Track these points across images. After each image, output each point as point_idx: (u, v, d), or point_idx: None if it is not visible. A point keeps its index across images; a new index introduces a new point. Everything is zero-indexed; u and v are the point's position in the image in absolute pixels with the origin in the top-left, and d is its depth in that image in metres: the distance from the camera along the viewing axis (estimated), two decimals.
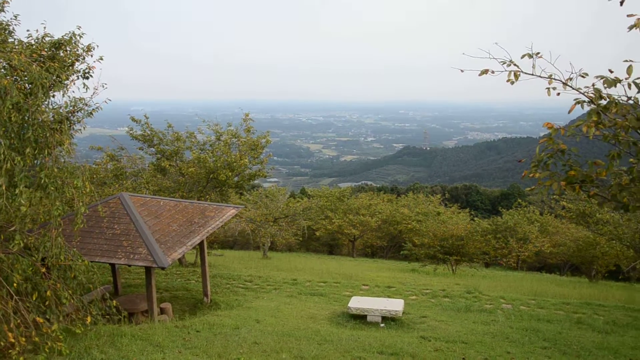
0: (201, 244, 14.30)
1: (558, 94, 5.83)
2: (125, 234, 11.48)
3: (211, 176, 20.34)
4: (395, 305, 13.24)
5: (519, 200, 41.07)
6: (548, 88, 5.84)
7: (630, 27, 4.89)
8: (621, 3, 4.83)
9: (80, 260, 8.37)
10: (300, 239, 37.86)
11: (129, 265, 12.42)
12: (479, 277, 24.45)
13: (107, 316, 9.04)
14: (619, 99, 5.74)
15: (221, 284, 17.22)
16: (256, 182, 44.79)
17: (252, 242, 36.26)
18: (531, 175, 6.52)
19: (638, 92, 5.59)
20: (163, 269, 10.62)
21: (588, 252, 27.71)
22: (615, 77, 5.39)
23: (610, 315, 14.40)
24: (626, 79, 5.47)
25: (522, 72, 5.77)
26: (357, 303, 13.32)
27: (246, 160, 20.58)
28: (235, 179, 21.30)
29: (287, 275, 19.81)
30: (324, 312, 13.66)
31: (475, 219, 40.44)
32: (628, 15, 4.85)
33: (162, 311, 12.48)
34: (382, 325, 12.62)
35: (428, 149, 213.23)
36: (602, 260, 27.57)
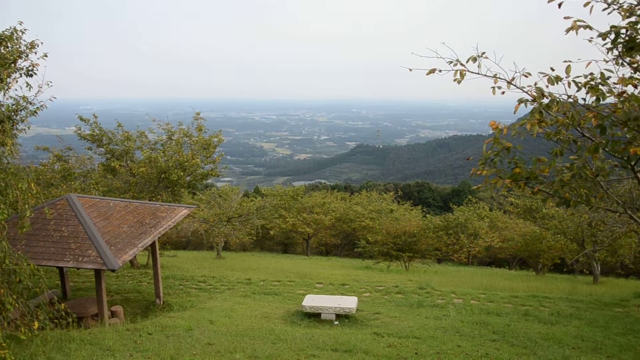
0: (153, 245, 14.08)
1: (503, 92, 5.97)
2: (74, 236, 11.19)
3: (163, 176, 20.03)
4: (348, 302, 13.33)
5: (470, 197, 41.96)
6: (493, 87, 5.97)
7: (568, 30, 5.05)
8: (559, 5, 4.98)
9: (25, 264, 8.10)
10: (255, 238, 37.69)
11: (78, 269, 12.10)
12: (431, 273, 24.87)
13: (55, 320, 8.80)
14: (560, 97, 5.92)
15: (174, 285, 16.98)
16: (209, 181, 44.33)
17: (205, 242, 35.88)
18: (479, 173, 6.66)
19: (577, 91, 5.78)
20: (113, 271, 10.40)
21: (535, 246, 28.52)
22: (557, 75, 5.56)
23: (555, 306, 14.87)
24: (566, 78, 5.65)
25: (468, 71, 5.89)
26: (311, 301, 13.36)
27: (198, 159, 20.35)
28: (188, 178, 21.03)
29: (241, 275, 19.70)
30: (278, 311, 13.65)
31: (428, 215, 41.07)
32: (565, 18, 5.01)
33: (113, 314, 12.22)
34: (336, 322, 12.69)
35: (381, 147, 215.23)
36: (547, 254, 28.43)
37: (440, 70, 6.02)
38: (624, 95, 5.84)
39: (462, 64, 6.02)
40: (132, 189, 20.18)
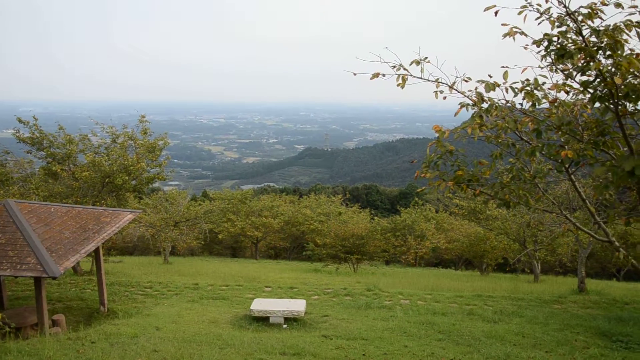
0: (97, 250, 13.76)
1: (444, 97, 6.13)
2: (11, 243, 10.81)
3: (107, 180, 19.59)
4: (297, 305, 13.36)
5: (416, 199, 42.65)
6: (436, 91, 6.12)
7: (505, 35, 5.24)
8: (495, 13, 5.17)
9: None
10: (203, 242, 37.24)
11: (16, 277, 11.71)
12: (379, 275, 25.15)
13: None
14: (499, 102, 6.13)
15: (119, 291, 16.62)
16: (156, 185, 43.51)
17: (152, 247, 35.24)
18: (423, 175, 6.81)
19: (515, 96, 6.00)
20: (54, 278, 10.11)
21: (479, 246, 29.22)
22: (495, 82, 5.76)
23: (498, 305, 15.31)
24: (504, 83, 5.86)
25: (410, 75, 6.01)
26: (260, 305, 13.33)
27: (144, 163, 19.99)
28: (133, 182, 20.63)
29: (189, 279, 19.45)
30: (226, 316, 13.55)
31: (376, 218, 41.54)
32: (502, 25, 5.20)
33: (55, 323, 11.86)
34: (284, 326, 12.70)
35: (329, 150, 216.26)
36: (491, 254, 29.18)
37: (384, 75, 6.13)
38: (557, 100, 6.09)
39: (405, 69, 6.14)
40: (74, 193, 19.65)
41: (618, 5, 4.93)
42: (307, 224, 38.30)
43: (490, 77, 5.81)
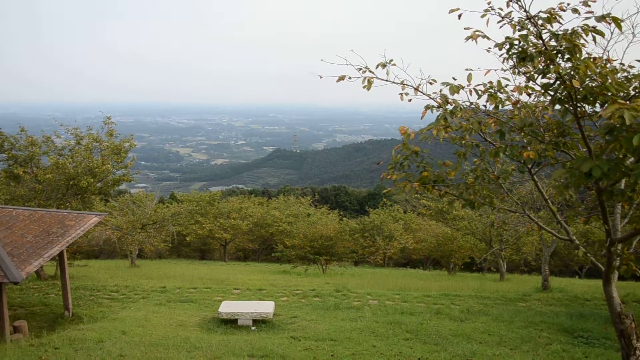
0: (61, 254, 13.52)
1: (410, 100, 6.20)
2: None
3: (71, 183, 19.26)
4: (265, 307, 13.34)
5: (385, 200, 42.95)
6: (401, 93, 6.18)
7: (467, 38, 5.34)
8: (459, 17, 5.25)
9: None
10: (170, 245, 36.86)
11: None
12: (348, 276, 25.25)
13: None
14: (463, 104, 6.23)
15: (84, 296, 16.35)
16: (123, 187, 42.86)
17: (119, 250, 34.73)
18: (389, 177, 6.88)
19: (478, 98, 6.10)
20: (16, 283, 9.91)
21: (446, 246, 29.59)
22: (459, 84, 5.85)
23: (465, 304, 15.53)
24: (467, 85, 5.95)
25: (376, 77, 6.06)
26: (228, 307, 13.27)
27: (109, 165, 19.71)
28: (99, 185, 20.32)
29: (156, 283, 19.23)
30: (194, 319, 13.45)
31: (344, 219, 41.68)
32: (465, 28, 5.29)
33: (16, 330, 11.60)
34: (253, 328, 12.67)
35: (298, 151, 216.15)
36: (458, 254, 29.58)
37: (350, 77, 6.17)
38: (520, 102, 6.22)
39: (370, 71, 6.19)
40: (37, 196, 19.27)
41: (575, 10, 5.06)
42: (276, 226, 38.24)
43: (455, 79, 5.90)
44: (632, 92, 5.20)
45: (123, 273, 23.64)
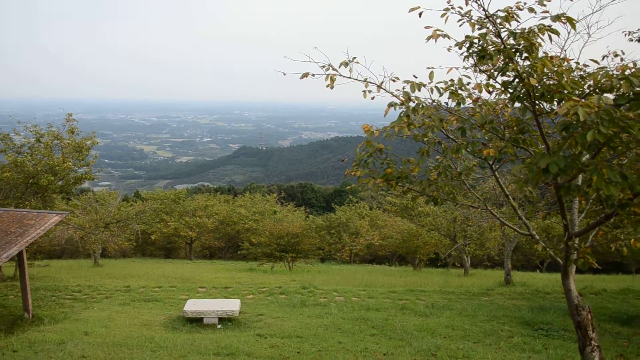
0: (20, 255, 13.22)
1: (372, 98, 6.25)
2: None
3: (31, 181, 18.83)
4: (231, 305, 13.28)
5: (351, 197, 43.18)
6: (364, 91, 6.22)
7: (428, 38, 5.40)
8: (420, 15, 5.31)
9: None
10: (135, 244, 36.37)
11: None
12: (314, 273, 25.31)
13: None
14: (426, 101, 6.30)
15: (45, 296, 16.01)
16: (85, 186, 42.03)
17: (82, 249, 34.10)
18: (353, 174, 6.92)
19: (440, 96, 6.19)
20: None
21: (412, 242, 29.87)
22: (420, 82, 5.92)
23: (429, 299, 15.73)
24: (429, 83, 6.03)
25: (339, 75, 6.09)
26: (193, 306, 13.17)
27: (70, 163, 19.33)
28: (60, 183, 19.92)
29: (120, 282, 18.96)
30: (159, 318, 13.31)
31: (310, 216, 41.75)
32: (426, 27, 5.35)
33: None
34: (219, 326, 12.60)
35: (264, 148, 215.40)
36: (423, 250, 29.90)
37: (313, 75, 6.18)
38: (480, 100, 6.33)
39: (334, 69, 6.21)
40: None
41: (531, 9, 5.16)
42: (242, 223, 38.09)
43: (416, 77, 5.97)
44: (587, 90, 5.34)
45: (86, 273, 23.22)
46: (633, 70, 5.03)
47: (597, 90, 5.16)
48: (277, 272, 25.80)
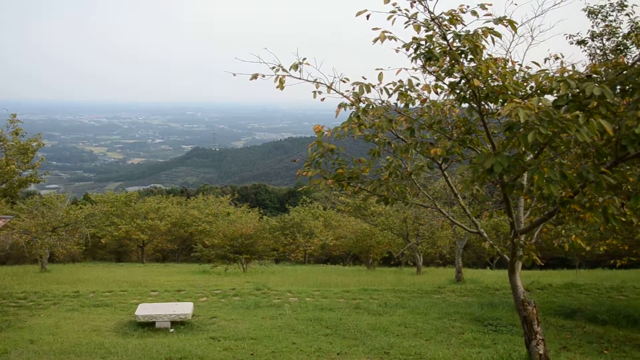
0: None
1: (323, 99, 6.28)
2: None
3: None
4: (184, 308, 13.11)
5: (305, 197, 43.22)
6: (314, 92, 6.25)
7: (375, 40, 5.47)
8: (367, 17, 5.38)
9: None
10: (84, 248, 35.49)
11: None
12: (268, 274, 25.22)
13: None
14: (375, 102, 6.38)
15: None
16: (31, 189, 40.78)
17: (28, 255, 33.05)
18: (304, 174, 6.95)
19: (389, 96, 6.27)
20: None
21: (365, 242, 30.11)
22: (369, 83, 5.99)
23: (383, 298, 15.90)
24: (378, 84, 6.11)
25: (289, 76, 6.11)
26: (145, 310, 12.94)
27: (14, 165, 18.73)
28: (3, 186, 19.26)
29: (69, 287, 18.46)
30: (110, 323, 13.03)
31: (265, 217, 41.61)
32: (373, 29, 5.42)
33: None
34: (171, 330, 12.42)
35: (217, 149, 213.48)
36: (377, 249, 30.19)
37: (263, 75, 6.18)
38: (428, 100, 6.45)
39: (284, 70, 6.22)
40: None
41: (474, 13, 5.30)
42: (195, 225, 37.69)
43: (365, 78, 6.04)
44: (529, 92, 5.51)
45: (32, 279, 22.52)
46: (571, 72, 5.22)
47: (538, 92, 5.33)
48: (231, 274, 25.61)
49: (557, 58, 6.93)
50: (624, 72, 5.22)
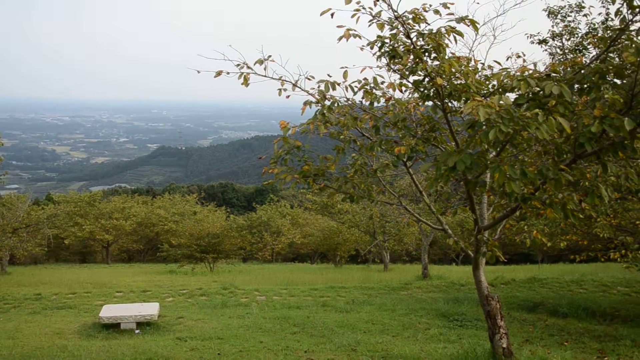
0: None
1: (288, 96, 6.28)
2: None
3: None
4: (150, 309, 12.96)
5: (272, 196, 43.19)
6: (280, 89, 6.25)
7: (340, 38, 5.49)
8: (332, 15, 5.39)
9: None
10: (47, 249, 34.79)
11: None
12: (236, 273, 25.11)
13: None
14: (341, 99, 6.41)
15: None
16: None
17: None
18: (270, 171, 6.94)
19: (354, 94, 6.30)
20: None
21: (333, 239, 30.24)
22: (334, 81, 6.01)
23: (350, 295, 15.97)
24: (343, 82, 6.13)
25: (254, 73, 6.09)
26: (109, 311, 12.75)
27: None
28: None
29: (30, 290, 18.06)
30: (73, 326, 12.79)
31: (232, 216, 41.42)
32: (338, 27, 5.44)
33: None
34: (137, 331, 12.26)
35: (183, 148, 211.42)
36: (344, 246, 30.34)
37: (227, 73, 6.15)
38: (393, 98, 6.50)
39: (249, 67, 6.20)
40: None
41: (436, 12, 5.37)
42: (162, 225, 37.33)
43: (330, 76, 6.06)
44: (491, 90, 5.60)
45: None
46: (531, 71, 5.32)
47: (500, 90, 5.42)
48: (198, 273, 25.42)
49: (519, 57, 7.07)
50: (582, 71, 5.36)
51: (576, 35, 13.08)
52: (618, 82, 5.37)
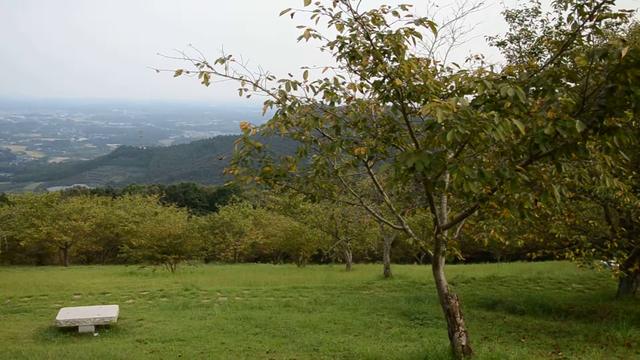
0: None
1: (248, 96, 6.26)
2: None
3: None
4: (109, 311, 12.73)
5: (234, 196, 42.97)
6: (240, 89, 6.22)
7: (300, 38, 5.50)
8: (292, 15, 5.39)
9: None
10: (1, 251, 33.86)
11: None
12: (198, 274, 24.88)
13: None
14: (301, 100, 6.41)
15: None
16: None
17: None
18: (231, 172, 6.90)
19: (315, 94, 6.32)
20: None
21: (295, 240, 30.27)
22: (295, 81, 6.01)
23: (312, 295, 15.99)
24: (304, 82, 6.14)
25: (214, 72, 6.04)
26: (67, 314, 12.47)
27: None
28: None
29: None
30: (29, 330, 12.47)
31: (193, 216, 41.06)
32: (298, 27, 5.45)
33: None
34: (95, 334, 12.03)
35: (145, 148, 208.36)
36: (307, 247, 30.41)
37: (187, 72, 6.09)
38: (353, 99, 6.54)
39: (209, 66, 6.15)
40: None
41: (395, 13, 5.41)
42: (122, 226, 36.74)
43: (291, 76, 6.05)
44: (450, 91, 5.69)
45: None
46: (488, 73, 5.42)
47: (458, 92, 5.51)
48: (159, 274, 25.11)
49: (477, 58, 7.18)
50: (537, 74, 5.49)
51: (533, 39, 13.38)
52: (571, 85, 5.52)
